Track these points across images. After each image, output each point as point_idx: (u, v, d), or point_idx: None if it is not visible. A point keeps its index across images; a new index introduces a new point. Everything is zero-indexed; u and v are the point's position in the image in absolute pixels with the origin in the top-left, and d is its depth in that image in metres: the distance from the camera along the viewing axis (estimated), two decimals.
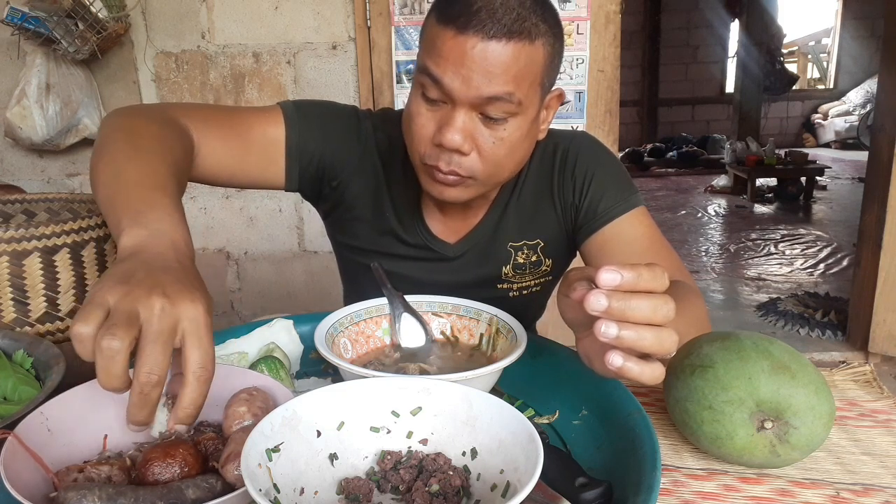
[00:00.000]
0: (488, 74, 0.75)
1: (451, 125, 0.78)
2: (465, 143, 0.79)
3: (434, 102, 0.80)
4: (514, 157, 0.85)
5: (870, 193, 2.71)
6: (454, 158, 0.80)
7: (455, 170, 0.81)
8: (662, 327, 0.51)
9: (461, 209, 0.97)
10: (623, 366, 0.51)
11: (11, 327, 0.76)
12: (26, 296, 0.76)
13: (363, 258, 1.01)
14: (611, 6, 2.31)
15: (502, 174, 0.86)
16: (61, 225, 0.76)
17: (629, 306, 0.50)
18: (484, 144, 0.80)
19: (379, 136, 0.97)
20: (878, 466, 0.63)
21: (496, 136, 0.80)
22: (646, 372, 0.52)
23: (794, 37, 9.73)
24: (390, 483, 0.54)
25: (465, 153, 0.80)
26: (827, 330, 3.08)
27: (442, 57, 0.76)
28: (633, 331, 0.50)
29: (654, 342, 0.51)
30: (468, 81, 0.75)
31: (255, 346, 0.81)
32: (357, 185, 0.98)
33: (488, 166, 0.82)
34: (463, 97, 0.77)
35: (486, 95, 0.76)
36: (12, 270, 0.74)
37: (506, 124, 0.80)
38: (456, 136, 0.78)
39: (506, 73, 0.75)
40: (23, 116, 2.29)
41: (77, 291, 0.79)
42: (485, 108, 0.78)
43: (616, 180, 0.97)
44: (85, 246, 0.79)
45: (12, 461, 0.50)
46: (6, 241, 0.73)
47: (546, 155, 0.98)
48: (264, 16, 2.44)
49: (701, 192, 7.00)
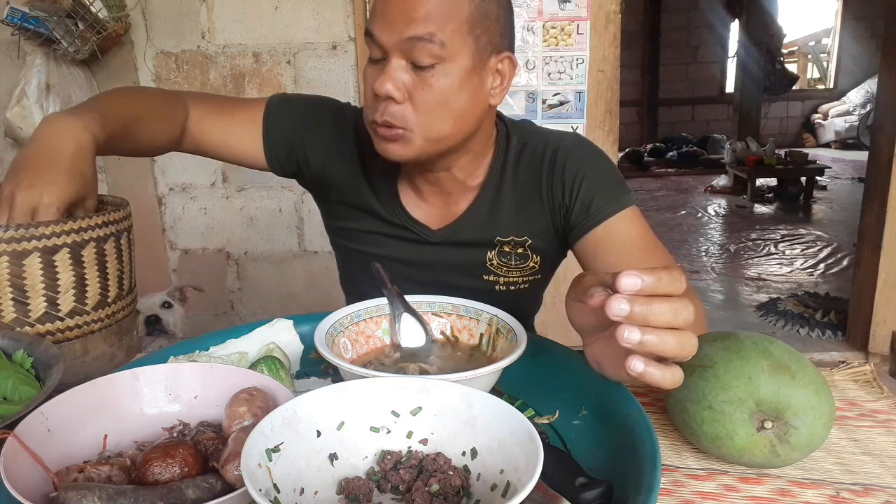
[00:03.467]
0: (407, 15, 0.79)
1: (382, 74, 0.81)
2: (397, 92, 0.81)
3: (378, 63, 0.84)
4: (449, 109, 0.84)
5: (870, 193, 2.71)
6: (388, 108, 0.83)
7: (388, 120, 0.83)
8: (683, 330, 0.52)
9: (438, 195, 0.99)
10: (644, 371, 0.52)
11: (11, 327, 0.76)
12: (26, 296, 0.76)
13: (352, 241, 1.07)
14: (611, 6, 2.31)
15: (439, 127, 0.85)
16: (61, 225, 0.76)
17: (651, 311, 0.50)
18: (414, 92, 0.82)
19: (360, 123, 1.01)
20: (878, 466, 0.63)
21: (425, 83, 0.82)
22: (667, 376, 0.52)
23: (794, 37, 9.73)
24: (390, 483, 0.54)
25: (398, 101, 0.82)
26: (827, 330, 3.08)
27: (375, 13, 0.82)
28: (656, 335, 0.50)
29: (675, 346, 0.51)
30: (392, 25, 0.80)
31: (255, 346, 0.81)
32: (335, 167, 1.03)
33: (421, 116, 0.84)
34: (389, 42, 0.81)
35: (407, 36, 0.79)
36: (12, 270, 0.74)
37: (433, 70, 0.81)
38: (387, 83, 0.81)
39: (425, 12, 0.79)
40: (23, 116, 2.29)
41: (77, 291, 0.79)
42: (411, 54, 0.81)
43: (607, 180, 0.97)
44: (85, 246, 0.79)
45: (12, 461, 0.50)
46: (6, 241, 0.73)
47: (535, 155, 0.99)
48: (264, 16, 2.44)
49: (701, 192, 7.00)
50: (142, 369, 0.67)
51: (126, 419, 0.63)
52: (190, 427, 0.63)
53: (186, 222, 2.69)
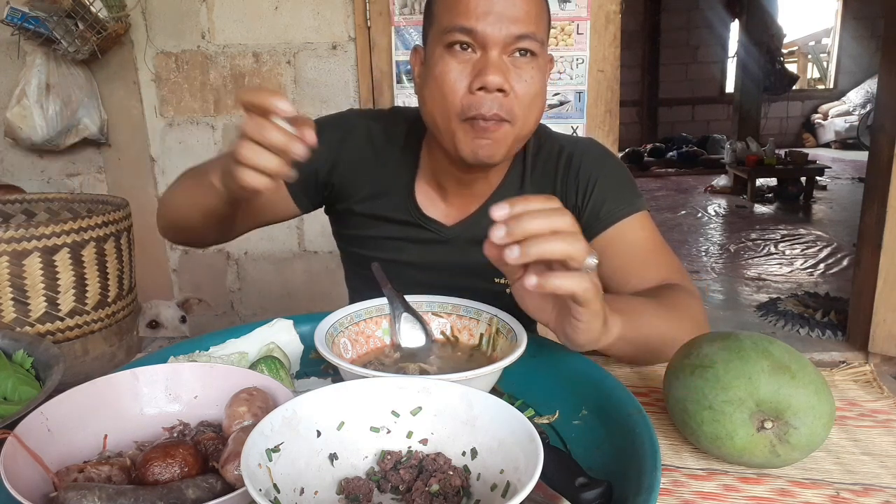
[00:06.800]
0: (515, 14, 0.82)
1: (491, 66, 0.82)
2: (506, 82, 0.82)
3: (465, 51, 0.84)
4: (538, 104, 0.88)
5: (870, 193, 2.71)
6: (497, 101, 0.83)
7: (498, 112, 0.83)
8: (567, 233, 0.57)
9: (463, 196, 0.98)
10: (541, 282, 0.57)
11: (11, 327, 0.76)
12: (26, 296, 0.76)
13: (365, 248, 1.05)
14: (611, 6, 2.31)
15: (532, 122, 0.88)
16: (61, 225, 0.76)
17: (525, 223, 0.55)
18: (516, 84, 0.84)
19: (372, 126, 1.01)
20: (878, 466, 0.63)
21: (526, 76, 0.84)
22: (567, 282, 0.57)
23: (794, 37, 9.73)
24: (390, 483, 0.54)
25: (507, 92, 0.83)
26: (827, 330, 3.08)
27: (469, 8, 0.82)
28: (539, 242, 0.55)
29: (563, 245, 0.56)
30: (499, 23, 0.81)
31: (255, 346, 0.81)
32: (346, 175, 1.02)
33: (522, 108, 0.85)
34: (497, 38, 0.82)
35: (516, 34, 0.82)
36: (12, 270, 0.74)
37: (530, 66, 0.84)
38: (497, 76, 0.82)
39: (528, 12, 0.83)
40: (23, 116, 2.29)
41: (77, 291, 0.79)
42: (513, 49, 0.83)
43: (620, 185, 0.97)
44: (85, 246, 0.79)
45: (12, 461, 0.50)
46: (6, 241, 0.73)
47: (551, 157, 0.99)
48: (264, 16, 2.44)
49: (701, 192, 7.00)
50: (142, 369, 0.67)
51: (126, 419, 0.63)
52: (190, 427, 0.63)
53: None
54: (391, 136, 1.01)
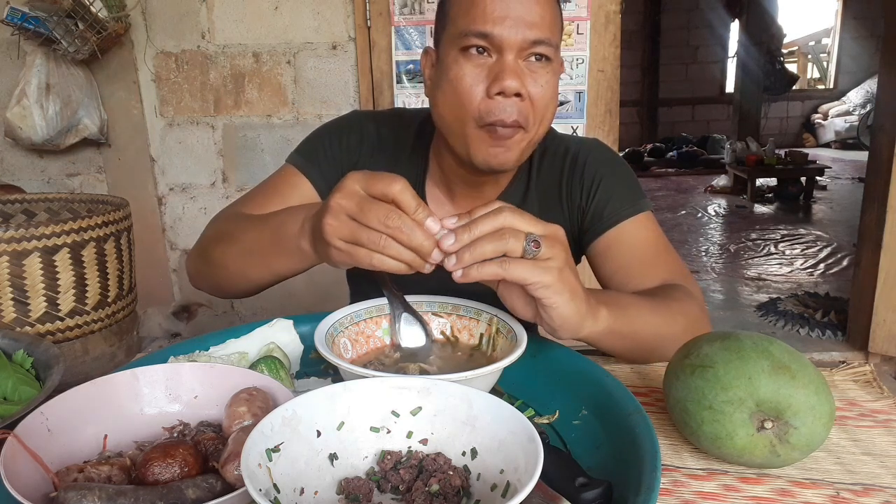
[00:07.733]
0: (531, 19, 0.82)
1: (508, 70, 0.82)
2: (522, 87, 0.82)
3: (481, 55, 0.83)
4: (551, 109, 0.88)
5: (870, 193, 2.71)
6: (515, 106, 0.83)
7: (517, 119, 0.83)
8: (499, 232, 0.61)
9: (472, 198, 0.98)
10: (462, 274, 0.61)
11: (11, 327, 0.76)
12: (26, 296, 0.76)
13: None
14: (611, 6, 2.31)
15: (542, 128, 0.88)
16: (61, 225, 0.76)
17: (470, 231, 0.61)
18: (532, 89, 0.83)
19: (382, 129, 1.02)
20: (878, 466, 0.63)
21: (541, 81, 0.84)
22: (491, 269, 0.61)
23: (794, 37, 9.73)
24: (390, 483, 0.54)
25: (524, 97, 0.83)
26: (827, 330, 3.08)
27: (486, 12, 0.82)
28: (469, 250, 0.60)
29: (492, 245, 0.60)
30: (516, 27, 0.81)
31: (255, 346, 0.81)
32: None
33: (538, 113, 0.85)
34: (513, 42, 0.81)
35: (532, 39, 0.82)
36: (12, 270, 0.74)
37: (545, 70, 0.84)
38: (515, 80, 0.82)
39: (543, 17, 0.83)
40: (23, 116, 2.29)
41: (77, 291, 0.79)
42: (529, 54, 0.83)
43: (624, 185, 0.98)
44: (85, 246, 0.79)
45: (12, 461, 0.50)
46: (6, 241, 0.73)
47: (557, 157, 1.00)
48: (264, 16, 2.44)
49: (701, 192, 7.00)
50: (142, 369, 0.67)
51: (126, 419, 0.63)
52: (190, 427, 0.63)
53: (186, 222, 2.69)
54: (400, 138, 1.02)
